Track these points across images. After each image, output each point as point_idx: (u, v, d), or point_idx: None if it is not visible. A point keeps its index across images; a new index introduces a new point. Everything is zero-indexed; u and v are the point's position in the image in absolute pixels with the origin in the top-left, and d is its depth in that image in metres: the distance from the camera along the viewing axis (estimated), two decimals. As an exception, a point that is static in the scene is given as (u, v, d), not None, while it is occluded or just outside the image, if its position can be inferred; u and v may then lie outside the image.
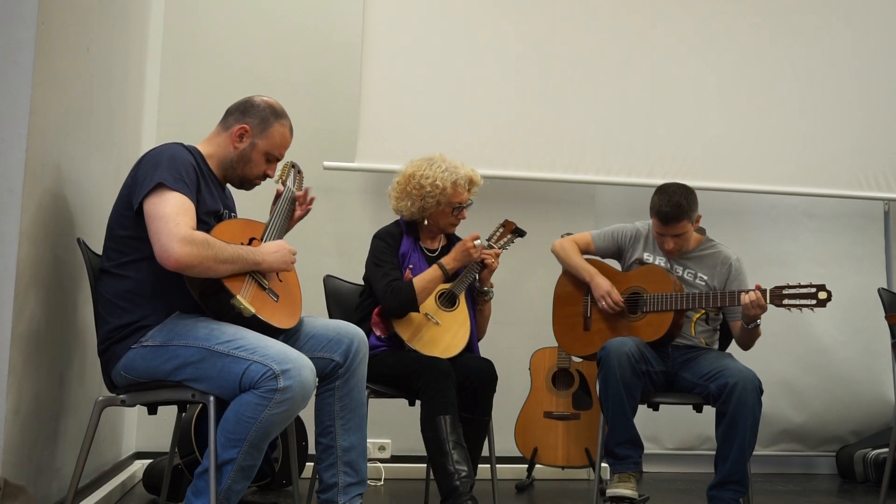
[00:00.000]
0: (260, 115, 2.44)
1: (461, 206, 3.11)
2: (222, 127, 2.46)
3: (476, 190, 3.15)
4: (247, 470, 2.18)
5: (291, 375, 2.12)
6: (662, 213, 3.11)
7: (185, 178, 2.22)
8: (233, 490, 2.17)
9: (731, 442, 2.87)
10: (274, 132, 2.45)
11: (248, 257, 2.25)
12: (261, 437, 2.15)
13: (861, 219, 4.63)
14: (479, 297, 3.16)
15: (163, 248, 2.11)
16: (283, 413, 2.14)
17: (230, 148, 2.43)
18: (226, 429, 2.15)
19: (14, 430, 2.13)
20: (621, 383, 2.90)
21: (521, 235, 3.24)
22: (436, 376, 2.81)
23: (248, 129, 2.42)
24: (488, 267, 3.11)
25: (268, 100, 2.49)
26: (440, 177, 3.04)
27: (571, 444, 3.76)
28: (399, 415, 3.32)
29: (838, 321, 4.49)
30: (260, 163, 2.46)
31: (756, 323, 3.03)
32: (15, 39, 2.15)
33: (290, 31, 4.21)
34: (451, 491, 2.69)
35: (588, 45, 4.25)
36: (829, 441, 4.49)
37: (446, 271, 3.02)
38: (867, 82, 4.48)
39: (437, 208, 3.08)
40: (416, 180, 3.06)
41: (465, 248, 3.04)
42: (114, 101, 3.18)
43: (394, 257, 3.07)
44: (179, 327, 2.22)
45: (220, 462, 2.15)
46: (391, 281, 2.97)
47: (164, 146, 2.32)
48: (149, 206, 2.17)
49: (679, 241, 3.16)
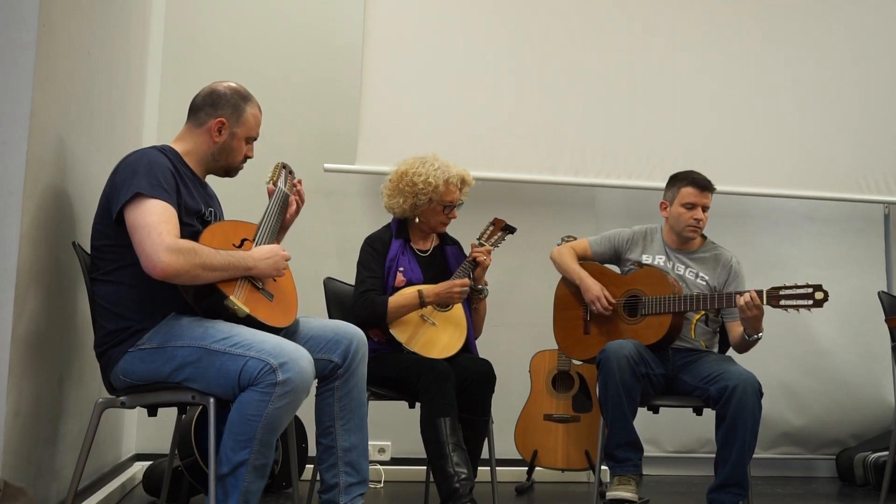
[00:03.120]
0: (231, 104, 2.43)
1: (452, 205, 3.13)
2: (194, 123, 2.44)
3: (468, 190, 3.17)
4: (260, 469, 2.17)
5: (289, 368, 2.13)
6: (697, 179, 3.25)
7: (163, 183, 2.22)
8: (250, 491, 2.16)
9: (731, 445, 2.87)
10: (248, 117, 2.46)
11: (238, 264, 2.24)
12: (268, 433, 2.15)
13: (861, 222, 4.63)
14: (474, 295, 3.17)
15: (148, 257, 2.11)
16: (286, 406, 2.14)
17: (209, 143, 2.42)
18: (233, 431, 2.15)
19: (14, 431, 2.13)
20: (621, 386, 2.90)
21: (511, 232, 3.26)
22: (436, 378, 2.81)
23: (225, 122, 2.42)
24: (481, 265, 3.12)
25: (231, 85, 2.48)
26: (433, 174, 3.06)
27: (571, 447, 3.76)
28: (399, 417, 3.32)
29: (838, 324, 4.49)
30: (241, 149, 2.47)
31: (758, 336, 3.03)
32: (16, 41, 2.15)
33: (290, 33, 4.22)
34: (451, 493, 2.69)
35: (589, 48, 4.25)
36: (829, 444, 4.49)
37: (424, 301, 3.00)
38: (867, 86, 4.48)
39: (429, 206, 3.10)
40: (409, 178, 3.08)
41: (451, 290, 3.01)
42: (115, 103, 3.18)
43: (378, 265, 3.08)
44: (175, 328, 2.22)
45: (234, 465, 2.14)
46: (366, 291, 3.01)
47: (139, 152, 2.31)
48: (130, 215, 2.17)
49: (706, 217, 3.26)
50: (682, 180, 3.26)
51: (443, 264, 3.21)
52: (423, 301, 3.00)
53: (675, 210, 3.26)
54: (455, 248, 3.29)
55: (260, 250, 2.33)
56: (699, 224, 3.24)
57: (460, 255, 3.27)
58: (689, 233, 3.25)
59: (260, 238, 2.41)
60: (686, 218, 3.23)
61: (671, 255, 3.29)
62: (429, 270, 3.16)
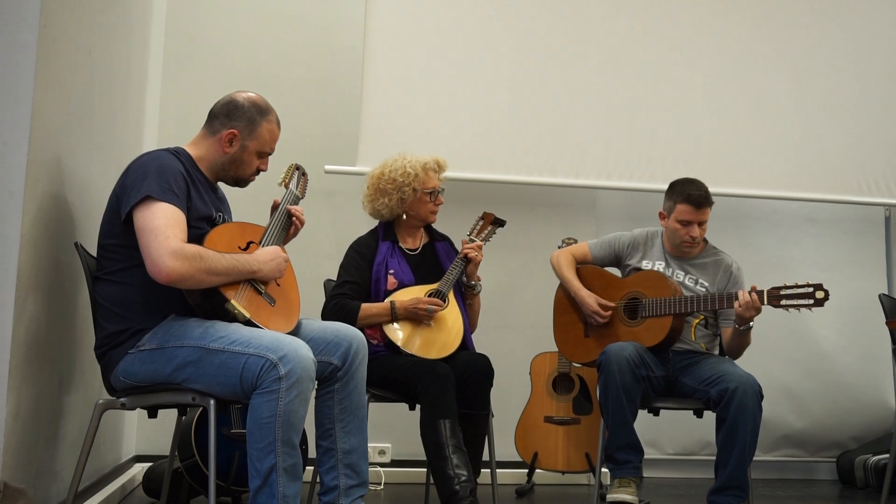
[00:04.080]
0: (246, 117, 2.42)
1: (436, 191, 3.15)
2: (209, 130, 2.44)
3: (444, 174, 3.20)
4: (291, 470, 2.16)
5: (290, 360, 2.13)
6: (694, 196, 3.16)
7: (173, 187, 2.21)
8: (287, 496, 2.14)
9: (731, 447, 2.87)
10: (262, 132, 2.44)
11: (243, 267, 2.24)
12: (288, 430, 2.14)
13: (862, 224, 4.63)
14: (467, 291, 3.17)
15: (153, 261, 2.11)
16: (297, 398, 2.14)
17: (220, 153, 2.42)
18: (254, 442, 2.14)
19: (14, 433, 2.13)
20: (621, 388, 2.90)
21: (501, 225, 3.27)
22: (435, 380, 2.81)
23: (237, 134, 2.40)
24: (473, 261, 3.12)
25: (251, 97, 2.46)
26: (409, 165, 3.11)
27: (572, 449, 3.75)
28: (399, 419, 3.32)
29: (839, 326, 4.49)
30: (252, 163, 2.46)
31: (749, 325, 3.02)
32: (17, 42, 2.15)
33: (291, 34, 4.21)
34: (451, 495, 2.69)
35: (590, 50, 4.25)
36: (829, 446, 4.48)
37: (395, 314, 3.00)
38: (868, 88, 4.49)
39: (415, 197, 3.12)
40: (388, 175, 3.12)
41: (416, 307, 2.99)
42: (115, 103, 3.18)
43: (360, 270, 3.08)
44: (174, 329, 2.22)
45: (264, 474, 2.13)
46: (340, 294, 3.02)
47: (152, 154, 2.31)
48: (138, 218, 2.17)
49: (703, 229, 3.22)
50: (678, 195, 3.20)
51: (433, 261, 3.21)
52: (394, 315, 3.00)
53: (672, 225, 3.24)
54: (445, 245, 3.29)
55: (263, 253, 2.33)
56: (695, 240, 3.21)
57: (451, 251, 3.26)
58: (685, 248, 3.24)
59: (267, 241, 2.40)
60: (681, 234, 3.22)
61: (671, 262, 3.29)
62: (419, 269, 3.16)
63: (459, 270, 3.12)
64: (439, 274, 3.13)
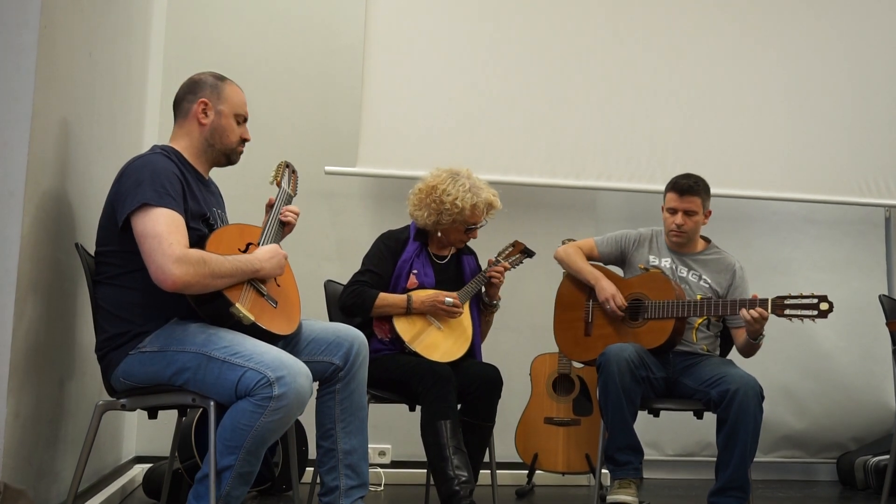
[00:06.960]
0: (208, 85, 2.42)
1: (475, 227, 3.13)
2: (181, 115, 2.44)
3: (494, 213, 3.16)
4: (245, 476, 2.18)
5: (286, 382, 2.11)
6: (680, 184, 3.19)
7: (169, 190, 2.20)
8: (232, 496, 2.17)
9: (731, 448, 2.87)
10: (229, 93, 2.44)
11: (246, 267, 2.24)
12: (257, 444, 2.15)
13: (862, 225, 4.63)
14: (486, 308, 3.20)
15: (159, 268, 2.10)
16: (279, 420, 2.14)
17: (199, 129, 2.40)
18: (223, 436, 2.15)
19: (14, 433, 2.13)
20: (621, 389, 2.90)
21: (529, 256, 3.31)
22: (436, 381, 2.81)
23: (207, 102, 2.40)
24: (494, 285, 3.15)
25: (206, 71, 2.48)
26: (461, 196, 3.04)
27: (572, 450, 3.75)
28: (399, 420, 3.32)
29: (839, 327, 4.48)
30: (233, 128, 2.44)
31: (762, 335, 3.03)
32: (18, 43, 2.15)
33: (292, 35, 4.21)
34: (451, 496, 2.69)
35: (590, 51, 4.25)
36: (829, 448, 4.48)
37: (410, 308, 3.00)
38: (868, 88, 4.48)
39: (452, 225, 3.09)
40: (438, 195, 3.06)
41: (435, 303, 3.01)
42: (116, 104, 3.18)
43: (386, 262, 3.08)
44: (177, 333, 2.22)
45: (219, 468, 2.15)
46: (362, 282, 3.02)
47: (143, 158, 2.29)
48: (137, 224, 2.16)
49: (688, 220, 3.18)
50: (668, 185, 3.25)
51: (458, 273, 3.22)
52: (409, 308, 3.00)
53: (663, 215, 3.27)
54: (472, 259, 3.29)
55: (263, 251, 2.33)
56: (680, 229, 3.20)
57: (476, 266, 3.27)
58: (673, 237, 3.24)
59: (264, 240, 2.40)
60: (668, 223, 3.23)
61: (674, 258, 3.29)
62: (442, 277, 3.16)
63: (479, 286, 3.14)
64: (460, 286, 3.14)
